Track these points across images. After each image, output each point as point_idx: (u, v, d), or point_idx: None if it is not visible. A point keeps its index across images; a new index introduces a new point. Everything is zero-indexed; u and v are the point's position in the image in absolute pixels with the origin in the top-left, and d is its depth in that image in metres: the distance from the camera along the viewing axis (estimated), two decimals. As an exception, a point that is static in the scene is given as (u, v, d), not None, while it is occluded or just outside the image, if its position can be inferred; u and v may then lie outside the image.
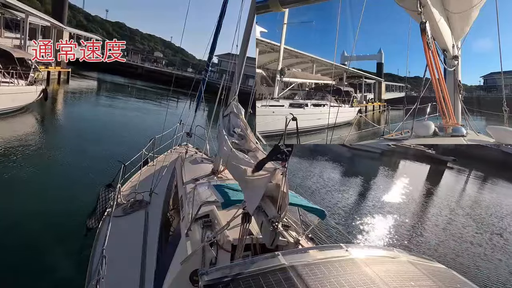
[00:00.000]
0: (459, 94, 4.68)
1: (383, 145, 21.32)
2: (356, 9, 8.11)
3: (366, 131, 11.29)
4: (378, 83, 15.63)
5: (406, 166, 22.95)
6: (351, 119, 12.58)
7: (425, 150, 24.02)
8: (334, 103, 13.30)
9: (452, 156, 24.16)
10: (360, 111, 14.23)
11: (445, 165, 23.75)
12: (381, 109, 15.45)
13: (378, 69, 15.16)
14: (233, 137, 3.91)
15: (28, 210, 6.26)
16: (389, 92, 15.99)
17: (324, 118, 10.73)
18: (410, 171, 21.73)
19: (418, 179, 19.11)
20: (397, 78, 15.32)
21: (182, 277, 2.75)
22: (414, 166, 23.28)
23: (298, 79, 13.84)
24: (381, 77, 15.28)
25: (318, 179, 13.92)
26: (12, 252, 5.00)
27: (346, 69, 14.02)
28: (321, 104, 13.39)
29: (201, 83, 7.21)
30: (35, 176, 8.15)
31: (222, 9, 6.33)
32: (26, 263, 4.84)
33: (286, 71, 12.70)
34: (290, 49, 12.60)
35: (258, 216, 2.55)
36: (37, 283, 4.59)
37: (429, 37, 3.47)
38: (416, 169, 22.84)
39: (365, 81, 15.63)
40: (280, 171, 2.40)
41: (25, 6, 22.30)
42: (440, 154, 24.52)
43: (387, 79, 15.72)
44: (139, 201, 5.16)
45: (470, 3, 3.88)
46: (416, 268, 2.35)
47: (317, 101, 13.52)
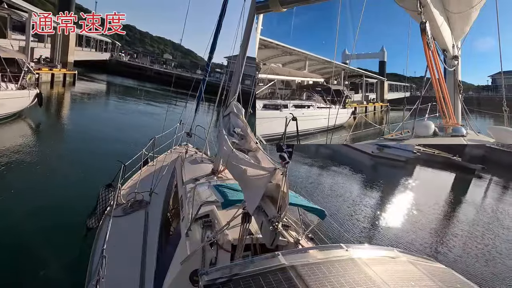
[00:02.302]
0: (459, 94, 4.68)
1: (408, 152, 20.34)
2: (357, 9, 8.07)
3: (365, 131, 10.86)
4: (381, 82, 14.84)
5: (429, 174, 21.32)
6: (344, 122, 11.46)
7: (450, 157, 22.49)
8: (323, 103, 12.05)
9: (480, 164, 22.18)
10: (354, 112, 13.02)
11: (473, 173, 21.65)
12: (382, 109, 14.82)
13: (381, 68, 14.35)
14: (233, 137, 3.91)
15: (28, 210, 6.26)
16: (394, 92, 15.30)
17: (309, 121, 9.91)
18: (433, 180, 20.25)
19: (442, 189, 17.54)
20: (402, 78, 14.81)
21: (182, 277, 2.75)
22: (438, 175, 21.46)
23: (278, 76, 12.33)
24: (384, 76, 14.50)
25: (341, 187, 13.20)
26: (12, 252, 5.00)
27: (344, 67, 12.97)
28: (305, 105, 11.82)
29: (201, 83, 7.21)
30: (35, 176, 8.14)
31: (222, 9, 6.35)
32: (26, 263, 4.83)
33: (262, 66, 11.17)
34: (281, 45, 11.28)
35: (258, 216, 2.55)
36: (37, 283, 4.58)
37: (429, 37, 3.47)
38: (439, 177, 21.14)
39: (367, 80, 14.86)
40: (280, 171, 2.40)
41: (28, 4, 21.87)
42: (467, 162, 22.49)
43: (392, 79, 15.13)
44: (139, 201, 5.16)
45: (470, 3, 3.89)
46: (416, 268, 2.35)
47: (301, 102, 11.94)
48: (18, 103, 13.28)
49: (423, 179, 19.85)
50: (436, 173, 21.58)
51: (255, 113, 8.57)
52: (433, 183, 19.30)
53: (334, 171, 16.46)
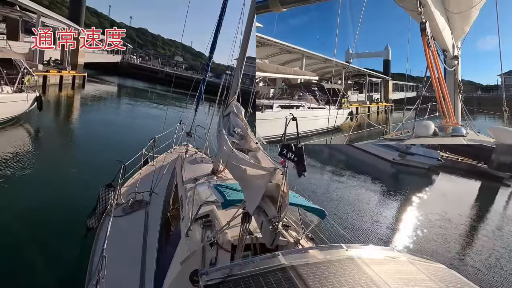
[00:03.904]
0: (459, 94, 4.69)
1: (433, 159, 19.33)
2: (358, 9, 8.02)
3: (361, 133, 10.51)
4: (385, 82, 14.24)
5: (453, 183, 19.78)
6: (340, 123, 10.62)
7: (476, 164, 21.29)
8: (315, 103, 11.17)
9: (508, 172, 20.53)
10: (352, 113, 12.19)
11: (500, 181, 20.00)
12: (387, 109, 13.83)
13: (385, 67, 13.79)
14: (233, 137, 3.91)
15: (28, 210, 6.26)
16: (399, 92, 14.75)
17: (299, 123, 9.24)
18: (457, 189, 18.78)
19: (466, 198, 16.13)
20: (409, 78, 14.40)
21: (182, 277, 2.75)
22: (463, 183, 19.96)
23: (264, 73, 11.17)
24: (388, 76, 13.90)
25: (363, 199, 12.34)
26: (12, 252, 5.00)
27: (345, 65, 12.26)
28: (294, 105, 10.66)
29: (201, 83, 7.21)
30: (35, 176, 8.14)
31: (222, 9, 6.34)
32: (26, 263, 4.83)
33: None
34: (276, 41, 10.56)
35: (258, 216, 2.55)
36: (37, 282, 4.58)
37: (429, 37, 3.48)
38: (464, 186, 19.72)
39: (370, 79, 14.24)
40: (280, 171, 2.40)
41: (37, 6, 21.90)
42: (494, 169, 20.83)
43: (400, 79, 14.73)
44: (139, 201, 5.16)
45: (470, 3, 3.89)
46: (416, 268, 2.35)
47: (289, 102, 10.79)
48: (14, 107, 12.29)
49: (446, 188, 18.52)
50: (461, 181, 20.18)
51: (255, 113, 8.46)
52: (456, 192, 17.86)
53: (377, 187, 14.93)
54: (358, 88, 14.16)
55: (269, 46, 10.69)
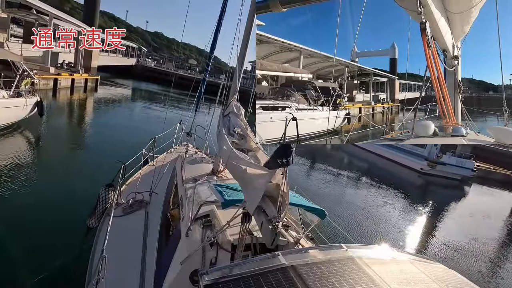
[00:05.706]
0: (459, 94, 4.68)
1: (467, 170, 18.10)
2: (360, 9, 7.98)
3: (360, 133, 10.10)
4: (391, 81, 13.51)
5: (486, 195, 18.67)
6: (336, 126, 9.73)
7: (510, 173, 20.11)
8: (305, 104, 10.05)
9: None
10: (349, 114, 11.28)
11: None
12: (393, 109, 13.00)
13: (392, 66, 12.99)
14: (233, 136, 3.91)
15: (28, 210, 6.26)
16: (407, 92, 14.47)
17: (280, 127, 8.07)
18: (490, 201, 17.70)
19: (501, 211, 15.23)
20: (419, 78, 13.95)
21: (182, 277, 2.75)
22: (497, 194, 18.79)
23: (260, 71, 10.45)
24: (395, 75, 13.10)
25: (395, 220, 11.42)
26: (13, 252, 5.00)
27: (347, 63, 11.42)
28: (279, 106, 9.43)
29: (201, 83, 7.21)
30: (35, 176, 8.14)
31: (222, 9, 6.34)
32: (27, 263, 4.83)
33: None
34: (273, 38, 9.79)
35: (258, 216, 2.55)
36: (37, 282, 4.58)
37: (429, 37, 3.48)
38: (498, 198, 18.56)
39: (376, 79, 13.52)
40: (280, 171, 2.40)
41: (50, 8, 21.59)
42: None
43: (408, 79, 14.28)
44: (139, 201, 5.15)
45: (470, 3, 3.89)
46: (416, 268, 2.35)
47: (273, 102, 9.57)
48: (11, 113, 11.19)
49: (479, 200, 17.56)
50: (495, 193, 19.08)
51: (255, 112, 8.38)
52: (490, 205, 16.95)
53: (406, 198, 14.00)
54: (363, 88, 13.55)
55: (266, 43, 10.00)
